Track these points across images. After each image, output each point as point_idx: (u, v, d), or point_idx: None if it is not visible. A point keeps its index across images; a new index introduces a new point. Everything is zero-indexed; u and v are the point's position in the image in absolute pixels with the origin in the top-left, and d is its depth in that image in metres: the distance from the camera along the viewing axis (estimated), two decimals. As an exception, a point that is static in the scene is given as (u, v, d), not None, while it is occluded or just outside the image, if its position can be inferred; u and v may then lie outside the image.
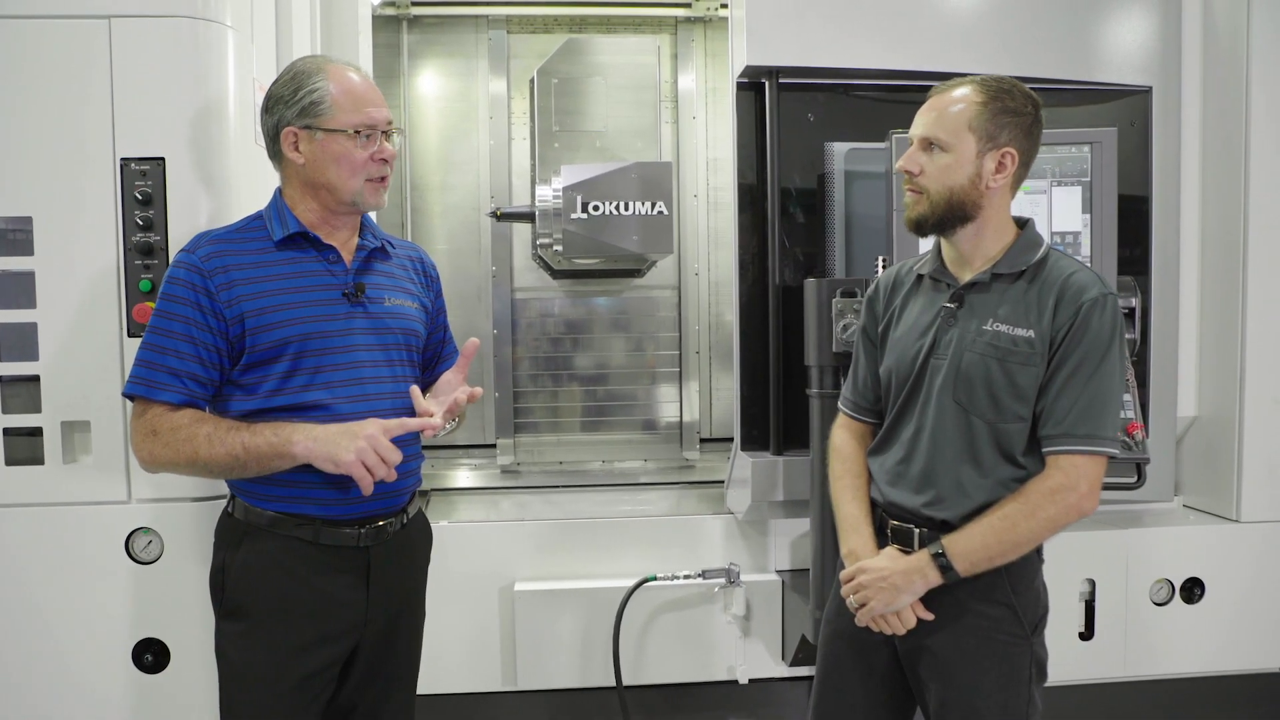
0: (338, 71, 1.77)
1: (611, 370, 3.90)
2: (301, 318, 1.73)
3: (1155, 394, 2.97)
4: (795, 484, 2.86)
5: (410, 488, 1.91)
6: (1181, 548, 3.07)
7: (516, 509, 3.68)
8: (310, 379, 1.73)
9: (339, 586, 1.78)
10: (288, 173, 1.81)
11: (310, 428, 1.67)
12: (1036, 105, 1.76)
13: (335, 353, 1.75)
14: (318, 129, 1.74)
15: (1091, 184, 2.53)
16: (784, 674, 3.04)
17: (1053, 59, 2.84)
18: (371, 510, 1.80)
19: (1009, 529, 1.67)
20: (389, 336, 1.83)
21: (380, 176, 1.80)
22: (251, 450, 1.65)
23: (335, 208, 1.80)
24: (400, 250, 1.96)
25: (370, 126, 1.76)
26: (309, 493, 1.74)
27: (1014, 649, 1.74)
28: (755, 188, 2.98)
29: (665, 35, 3.90)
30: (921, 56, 2.81)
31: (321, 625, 1.77)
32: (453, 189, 3.86)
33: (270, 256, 1.76)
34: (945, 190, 1.73)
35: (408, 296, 1.90)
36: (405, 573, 1.92)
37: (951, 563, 1.69)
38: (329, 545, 1.77)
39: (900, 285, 1.92)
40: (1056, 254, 1.78)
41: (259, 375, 1.73)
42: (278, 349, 1.72)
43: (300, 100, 1.74)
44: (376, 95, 1.80)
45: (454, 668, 2.99)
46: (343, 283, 1.79)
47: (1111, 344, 1.67)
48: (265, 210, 1.82)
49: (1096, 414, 1.66)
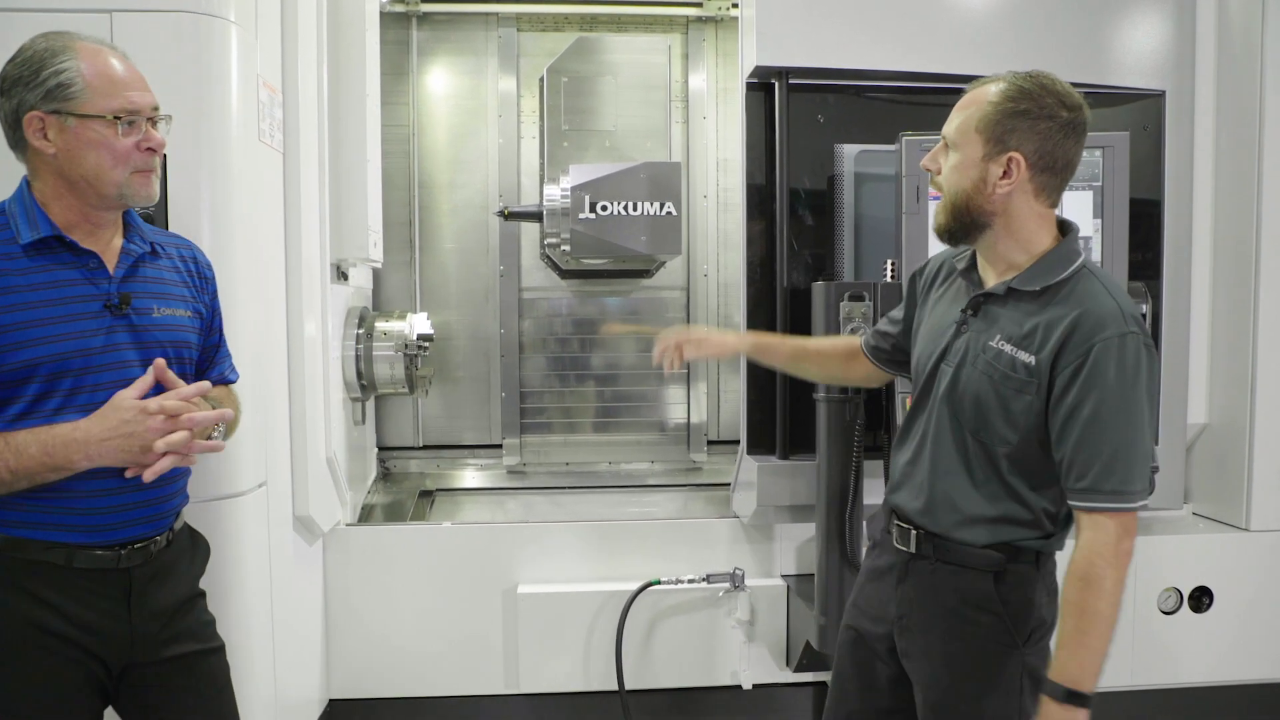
0: (90, 50, 1.58)
1: (619, 371, 3.89)
2: (57, 335, 1.54)
3: (1165, 400, 2.94)
4: (801, 489, 2.83)
5: (177, 507, 1.76)
6: (1190, 556, 3.04)
7: (522, 510, 3.68)
8: (65, 401, 1.55)
9: (95, 613, 1.61)
10: (36, 165, 1.59)
11: (73, 435, 1.52)
12: (1072, 108, 1.61)
13: (96, 371, 1.57)
14: (69, 114, 1.54)
15: (1103, 189, 2.50)
16: (788, 680, 3.02)
17: (1065, 62, 2.81)
18: (134, 534, 1.64)
19: (1090, 617, 1.56)
20: (156, 351, 1.64)
21: (148, 168, 1.61)
22: (20, 472, 1.50)
23: (98, 203, 1.60)
24: (171, 249, 1.77)
25: (132, 112, 1.58)
26: (61, 519, 1.57)
27: (1004, 658, 1.70)
28: (764, 189, 2.96)
29: (676, 34, 3.89)
30: (933, 58, 2.78)
31: (81, 655, 1.60)
32: (461, 187, 3.86)
33: (17, 264, 1.54)
34: (954, 193, 1.66)
35: (180, 305, 1.72)
36: (173, 590, 1.73)
37: (1075, 688, 1.55)
38: (85, 569, 1.59)
39: (942, 274, 1.86)
40: (1088, 276, 1.63)
41: (3, 397, 1.53)
42: (27, 370, 1.52)
43: (45, 82, 1.54)
44: (138, 79, 1.63)
45: (456, 670, 2.98)
46: (105, 293, 1.60)
47: (1134, 386, 1.56)
48: (8, 205, 1.59)
49: (1123, 467, 1.55)
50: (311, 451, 2.65)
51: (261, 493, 2.37)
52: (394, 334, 3.23)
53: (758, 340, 2.23)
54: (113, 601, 1.63)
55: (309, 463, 2.63)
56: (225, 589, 2.13)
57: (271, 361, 2.47)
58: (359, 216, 2.95)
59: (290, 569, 2.62)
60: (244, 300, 2.24)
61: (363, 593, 2.96)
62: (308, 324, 2.64)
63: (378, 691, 2.98)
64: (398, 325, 3.25)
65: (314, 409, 2.67)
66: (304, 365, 2.61)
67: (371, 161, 3.03)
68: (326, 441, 2.78)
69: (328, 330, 2.79)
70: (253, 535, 2.33)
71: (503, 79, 3.81)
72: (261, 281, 2.38)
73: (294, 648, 2.65)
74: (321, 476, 2.74)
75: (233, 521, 2.23)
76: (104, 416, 1.54)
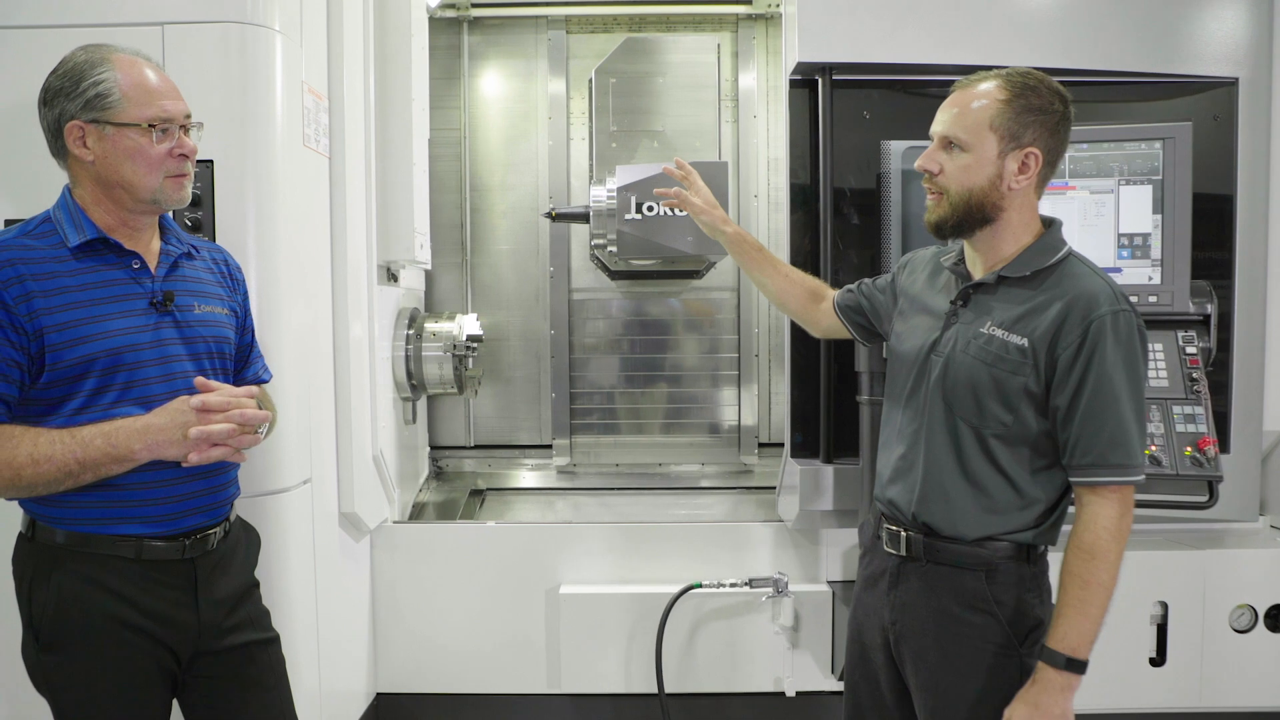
0: (126, 62, 1.66)
1: (669, 372, 3.87)
2: (109, 331, 1.62)
3: (1238, 406, 2.79)
4: (844, 493, 2.77)
5: (231, 497, 1.83)
6: (1267, 571, 2.87)
7: (571, 510, 3.69)
8: (121, 394, 1.63)
9: (166, 603, 1.69)
10: (77, 172, 1.68)
11: (134, 426, 1.60)
12: (1065, 102, 1.67)
13: (146, 365, 1.66)
14: (107, 123, 1.62)
15: (1163, 182, 2.38)
16: (833, 688, 2.95)
17: (1128, 50, 2.68)
18: (193, 524, 1.73)
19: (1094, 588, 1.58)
20: (200, 346, 1.74)
21: (181, 173, 1.69)
22: (87, 463, 1.57)
23: (134, 207, 1.68)
24: (204, 252, 1.86)
25: (166, 120, 1.65)
26: (124, 512, 1.65)
27: (1002, 660, 1.67)
28: (808, 188, 2.90)
29: (726, 33, 3.85)
30: (984, 50, 2.69)
31: (153, 646, 1.68)
32: (512, 189, 3.89)
33: (67, 266, 1.62)
34: (965, 191, 1.66)
35: (217, 303, 1.81)
36: (233, 579, 1.82)
37: (1074, 655, 1.58)
38: (152, 561, 1.67)
39: (926, 271, 1.89)
40: (1075, 261, 1.69)
41: (62, 393, 1.61)
42: (84, 365, 1.60)
43: (84, 92, 1.62)
44: (172, 88, 1.69)
45: (499, 668, 3.00)
46: (149, 291, 1.69)
47: (1130, 363, 1.60)
48: (54, 212, 1.67)
49: (1125, 441, 1.60)
50: (357, 449, 2.71)
51: (305, 489, 2.43)
52: (443, 334, 3.27)
53: (743, 235, 2.29)
54: (180, 591, 1.71)
55: (354, 460, 2.69)
56: (270, 582, 2.16)
57: (317, 361, 2.52)
58: (405, 219, 2.99)
59: (336, 564, 2.68)
60: (288, 301, 2.30)
61: (408, 589, 3.00)
62: (353, 324, 2.69)
63: (423, 687, 3.02)
64: (447, 326, 3.29)
65: (360, 408, 2.72)
66: (349, 364, 2.67)
67: (418, 165, 3.07)
68: (373, 440, 2.83)
69: (374, 330, 2.84)
70: (297, 530, 2.39)
71: (552, 81, 3.82)
72: (307, 282, 2.43)
73: (340, 641, 2.71)
74: (367, 474, 2.79)
75: (277, 517, 2.29)
76: (164, 410, 1.63)
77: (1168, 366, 2.38)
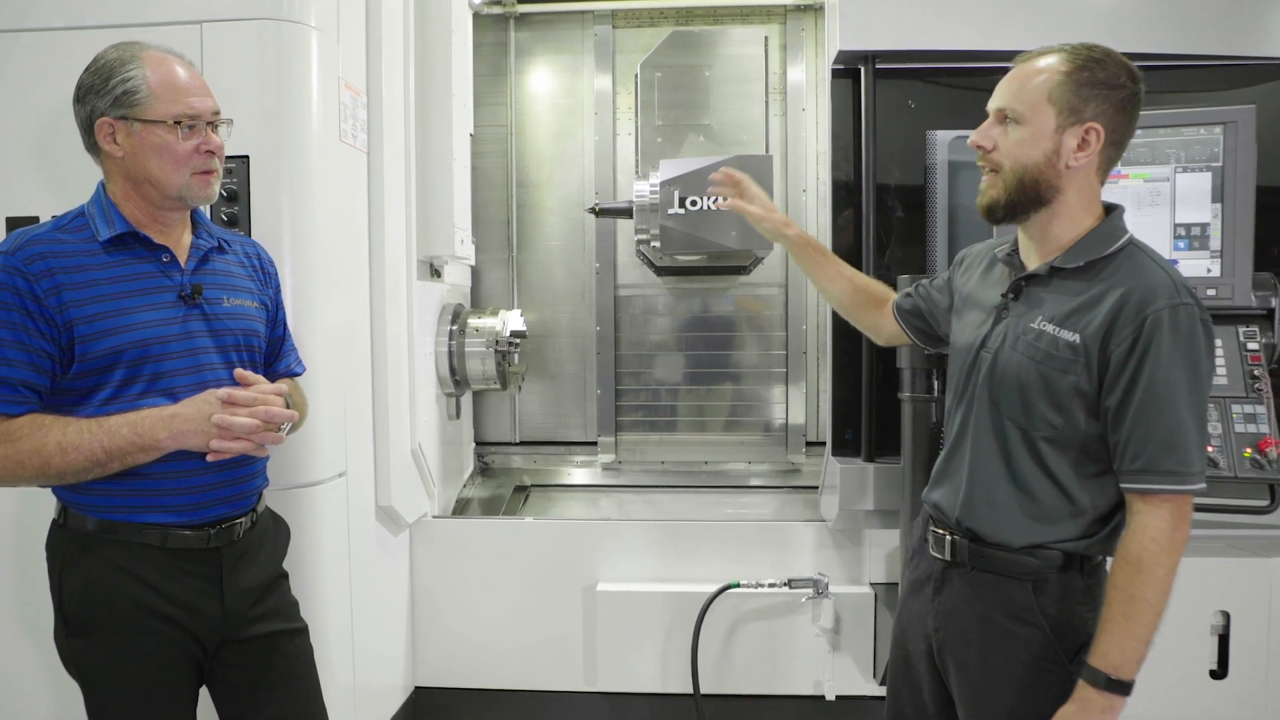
0: (155, 59, 1.68)
1: (716, 370, 3.82)
2: (138, 324, 1.65)
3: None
4: (885, 492, 2.70)
5: (258, 488, 1.85)
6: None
7: (615, 507, 3.67)
8: (148, 386, 1.66)
9: (191, 591, 1.71)
10: (108, 168, 1.71)
11: (161, 415, 1.62)
12: (1135, 79, 1.55)
13: (174, 357, 1.68)
14: (135, 120, 1.65)
15: (1224, 169, 2.25)
16: (875, 693, 2.88)
17: (1187, 32, 2.54)
18: (218, 513, 1.74)
19: (1139, 604, 1.48)
20: (229, 338, 1.76)
21: (207, 169, 1.70)
22: (114, 452, 1.59)
23: (161, 203, 1.70)
24: (236, 246, 1.88)
25: (193, 117, 1.67)
26: (150, 500, 1.67)
27: (1047, 675, 1.58)
28: (850, 181, 2.83)
29: (774, 25, 3.78)
30: (1032, 35, 2.53)
31: (180, 634, 1.70)
32: (559, 185, 3.88)
33: (98, 259, 1.65)
34: (1019, 168, 1.56)
35: (247, 295, 1.83)
36: (260, 570, 1.84)
37: (1116, 676, 1.49)
38: (178, 549, 1.70)
39: (982, 265, 1.79)
40: (1135, 251, 1.57)
41: (92, 383, 1.64)
42: (112, 357, 1.63)
43: (113, 89, 1.64)
44: (200, 85, 1.71)
45: (536, 664, 3.00)
46: (178, 284, 1.71)
47: (1190, 361, 1.48)
48: (88, 207, 1.71)
49: (1181, 446, 1.48)
50: (395, 444, 2.72)
51: (340, 482, 2.45)
52: (486, 330, 3.28)
53: (806, 238, 2.15)
54: (206, 580, 1.73)
55: (391, 455, 2.70)
56: (303, 574, 2.20)
57: (355, 355, 2.55)
58: (445, 214, 3.01)
59: (373, 558, 2.70)
60: (323, 294, 2.32)
61: (447, 583, 3.02)
62: (391, 319, 2.70)
63: (461, 681, 3.03)
64: (490, 322, 3.30)
65: (397, 402, 2.74)
66: (387, 359, 2.68)
67: (459, 160, 3.09)
68: (411, 434, 2.85)
69: (413, 325, 2.86)
70: (330, 523, 2.41)
71: (599, 76, 3.81)
72: (343, 277, 2.45)
73: (377, 634, 2.73)
74: (405, 468, 2.81)
75: (311, 509, 2.32)
76: (192, 401, 1.65)
77: (1227, 364, 2.25)
